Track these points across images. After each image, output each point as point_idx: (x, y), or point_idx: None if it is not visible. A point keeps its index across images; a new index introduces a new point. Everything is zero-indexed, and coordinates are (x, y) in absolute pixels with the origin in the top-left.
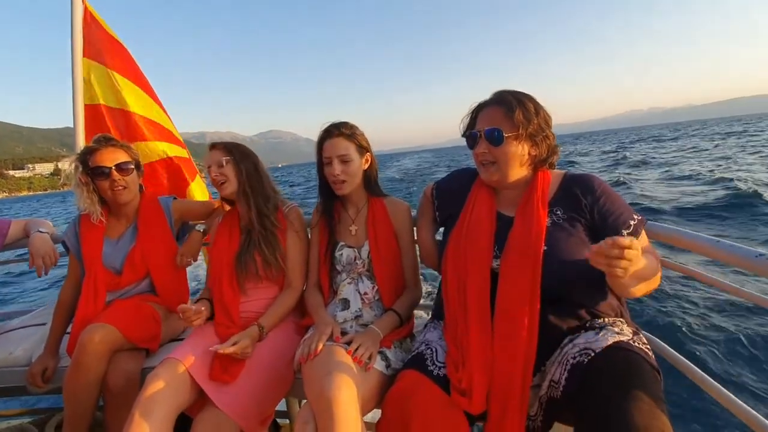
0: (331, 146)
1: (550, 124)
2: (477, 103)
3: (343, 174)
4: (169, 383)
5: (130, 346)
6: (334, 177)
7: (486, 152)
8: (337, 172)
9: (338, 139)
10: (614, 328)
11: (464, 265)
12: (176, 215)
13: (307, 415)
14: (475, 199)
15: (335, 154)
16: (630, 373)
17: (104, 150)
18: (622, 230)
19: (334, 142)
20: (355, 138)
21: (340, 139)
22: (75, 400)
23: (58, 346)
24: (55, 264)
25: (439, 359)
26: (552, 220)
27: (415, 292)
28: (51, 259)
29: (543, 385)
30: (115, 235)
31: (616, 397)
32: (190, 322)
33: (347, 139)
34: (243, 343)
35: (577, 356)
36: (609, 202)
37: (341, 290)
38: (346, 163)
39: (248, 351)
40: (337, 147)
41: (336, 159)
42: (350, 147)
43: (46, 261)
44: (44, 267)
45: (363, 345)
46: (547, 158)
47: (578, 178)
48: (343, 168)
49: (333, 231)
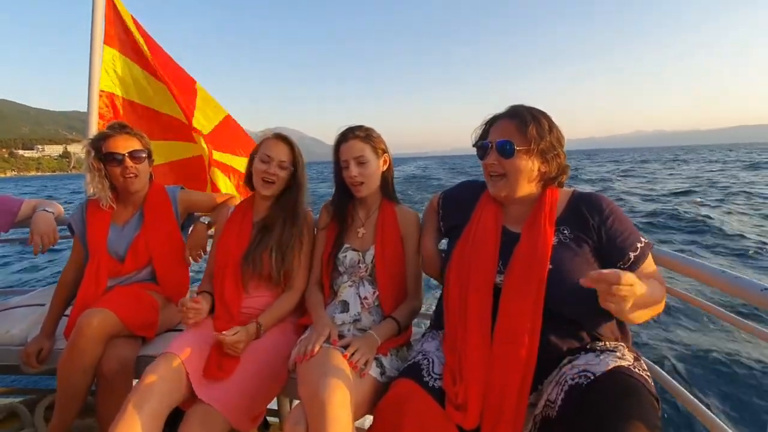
0: (347, 149)
1: (562, 143)
2: (491, 114)
3: (361, 176)
4: (165, 377)
5: (127, 332)
6: (351, 179)
7: (496, 164)
8: (354, 174)
9: (354, 142)
10: (616, 352)
11: (467, 279)
12: (182, 206)
13: (298, 415)
14: (482, 212)
15: (351, 156)
16: (628, 398)
17: (118, 137)
18: (629, 252)
19: (350, 145)
20: (371, 140)
21: (356, 141)
22: (68, 383)
23: (55, 327)
24: (54, 244)
25: (435, 371)
26: (558, 239)
27: (416, 302)
28: (49, 238)
29: (539, 404)
30: (121, 222)
31: (613, 422)
32: (186, 319)
33: (363, 141)
34: (239, 336)
35: (576, 378)
36: (617, 223)
37: (341, 292)
38: (362, 164)
39: (239, 347)
40: (353, 149)
41: (353, 161)
42: (366, 148)
43: (45, 240)
44: (42, 245)
45: (360, 350)
46: (557, 177)
47: (586, 198)
48: (360, 170)
49: (341, 233)
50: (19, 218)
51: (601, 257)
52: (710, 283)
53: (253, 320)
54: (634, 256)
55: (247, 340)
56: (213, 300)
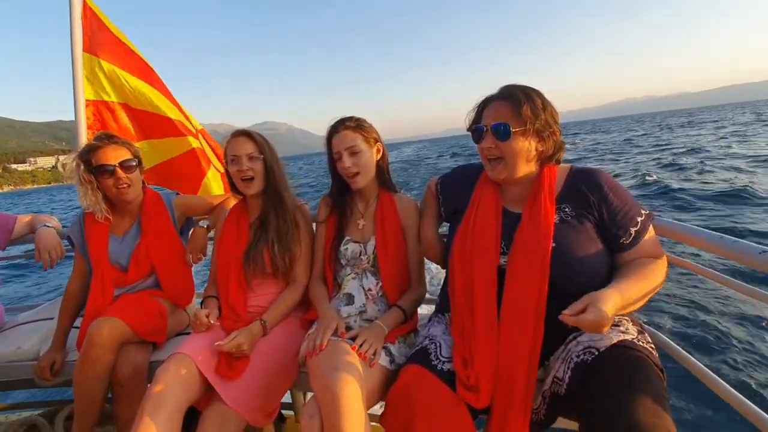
0: (338, 140)
1: (557, 120)
2: (483, 96)
3: (355, 166)
4: (178, 378)
5: (138, 339)
6: (345, 170)
7: (492, 147)
8: (348, 165)
9: (345, 133)
10: (620, 327)
11: (471, 263)
12: (179, 211)
13: (313, 408)
14: (481, 195)
15: (343, 147)
16: (634, 372)
17: (107, 148)
18: (630, 228)
19: (341, 136)
20: (363, 129)
21: (347, 132)
22: (84, 393)
23: (65, 340)
24: (61, 258)
25: (443, 354)
26: (560, 217)
27: (420, 290)
28: (57, 252)
29: (546, 381)
30: (120, 232)
31: (620, 396)
32: (198, 330)
33: (353, 131)
34: (237, 341)
35: (581, 354)
36: (617, 198)
37: (345, 285)
38: (355, 154)
39: (244, 349)
40: (344, 140)
41: (345, 152)
42: (357, 138)
43: (53, 255)
44: (50, 261)
45: (368, 341)
46: (554, 154)
47: (585, 174)
48: (354, 160)
49: (341, 226)
50: (15, 235)
51: (602, 232)
52: (709, 249)
53: (257, 318)
54: (635, 231)
55: (250, 340)
56: (219, 302)
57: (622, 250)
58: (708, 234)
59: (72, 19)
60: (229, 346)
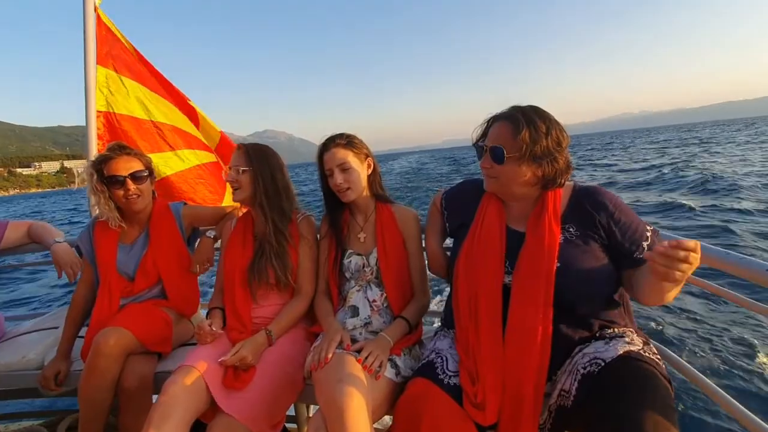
0: (330, 158)
1: (563, 145)
2: (492, 114)
3: (346, 182)
4: (185, 390)
5: (143, 349)
6: (337, 186)
7: (489, 167)
8: (339, 181)
9: (335, 150)
10: (625, 338)
11: (476, 281)
12: (186, 221)
13: (319, 422)
14: (485, 212)
15: (335, 164)
16: (641, 383)
17: (119, 159)
18: (642, 243)
19: (332, 153)
20: (353, 146)
21: (338, 149)
22: (89, 403)
23: (70, 349)
24: (82, 268)
25: (450, 368)
26: (565, 237)
27: (424, 299)
28: (76, 267)
29: (553, 394)
30: (129, 242)
31: (628, 408)
32: (203, 341)
33: (344, 148)
34: (240, 354)
35: (588, 366)
36: (624, 216)
37: (350, 297)
38: (346, 171)
39: (248, 361)
40: (335, 157)
41: (336, 169)
42: (348, 154)
43: (75, 269)
44: (73, 274)
45: (373, 353)
46: (555, 179)
47: (589, 193)
48: (345, 176)
49: (341, 240)
50: (7, 243)
51: (611, 252)
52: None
53: (263, 329)
54: (646, 245)
55: (255, 351)
56: (224, 314)
57: (636, 265)
58: (714, 250)
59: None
60: (233, 360)
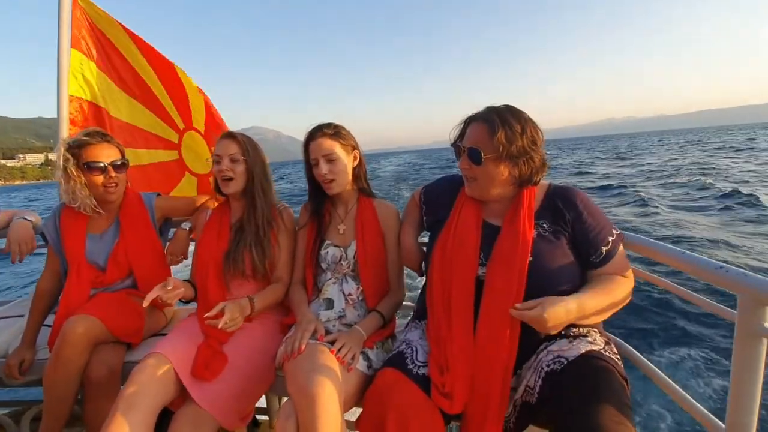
0: (316, 147)
1: (538, 144)
2: (468, 115)
3: (331, 173)
4: (153, 378)
5: (113, 339)
6: (322, 177)
7: (467, 168)
8: (324, 172)
9: (322, 140)
10: (588, 337)
11: (450, 273)
12: (159, 212)
13: (290, 409)
14: (462, 206)
15: (320, 154)
16: (599, 381)
17: (99, 146)
18: (602, 247)
19: (318, 143)
20: (340, 137)
21: (324, 139)
22: (55, 392)
23: (35, 337)
24: (31, 252)
25: (419, 358)
26: (538, 232)
27: (399, 294)
28: (27, 246)
29: (519, 389)
30: (98, 231)
31: (585, 404)
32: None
33: (331, 138)
34: (230, 314)
35: (551, 364)
36: (590, 218)
37: (325, 290)
38: (332, 162)
39: (237, 321)
40: (321, 147)
41: (322, 159)
42: (335, 145)
43: (22, 248)
44: (19, 253)
45: (346, 345)
46: (531, 177)
47: (562, 192)
48: (330, 167)
49: (321, 230)
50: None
51: (575, 248)
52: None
53: (246, 296)
54: (605, 250)
55: (241, 312)
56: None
57: (593, 267)
58: (671, 250)
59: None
60: (224, 320)
